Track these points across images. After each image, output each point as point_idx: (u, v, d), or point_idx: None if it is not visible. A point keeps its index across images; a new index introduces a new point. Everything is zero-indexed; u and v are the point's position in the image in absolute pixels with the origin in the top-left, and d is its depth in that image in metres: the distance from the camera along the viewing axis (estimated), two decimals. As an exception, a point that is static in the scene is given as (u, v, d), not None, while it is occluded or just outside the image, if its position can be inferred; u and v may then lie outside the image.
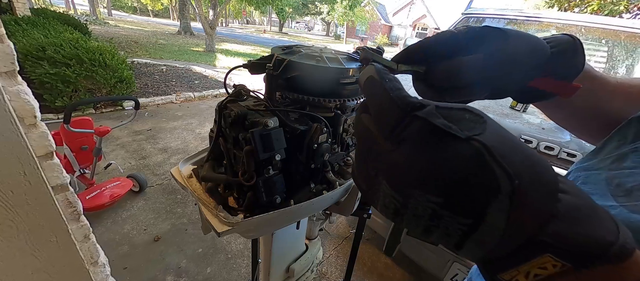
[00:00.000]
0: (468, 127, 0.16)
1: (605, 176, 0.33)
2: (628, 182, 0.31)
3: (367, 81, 0.21)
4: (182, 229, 1.91)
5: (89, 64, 3.33)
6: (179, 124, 3.54)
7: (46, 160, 0.69)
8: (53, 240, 0.73)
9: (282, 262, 0.78)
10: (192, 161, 0.59)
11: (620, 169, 0.32)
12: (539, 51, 0.32)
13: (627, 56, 1.61)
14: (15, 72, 0.60)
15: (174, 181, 0.53)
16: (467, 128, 0.16)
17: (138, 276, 1.56)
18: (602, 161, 0.36)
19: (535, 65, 0.33)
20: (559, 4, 7.02)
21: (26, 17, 4.97)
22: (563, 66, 0.34)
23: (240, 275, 1.65)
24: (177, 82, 5.07)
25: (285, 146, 0.43)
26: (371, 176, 0.20)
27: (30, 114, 0.63)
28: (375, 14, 30.48)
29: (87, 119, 1.77)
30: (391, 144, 0.18)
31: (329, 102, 0.47)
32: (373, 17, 30.05)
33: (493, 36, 0.31)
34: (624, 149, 0.34)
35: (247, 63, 0.49)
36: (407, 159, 0.17)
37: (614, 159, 0.34)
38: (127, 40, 9.03)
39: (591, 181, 0.35)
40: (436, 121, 0.16)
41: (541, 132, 1.23)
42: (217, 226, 0.42)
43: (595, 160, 0.37)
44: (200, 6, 8.70)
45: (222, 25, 29.03)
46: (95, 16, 15.56)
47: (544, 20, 1.91)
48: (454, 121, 0.17)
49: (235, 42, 13.21)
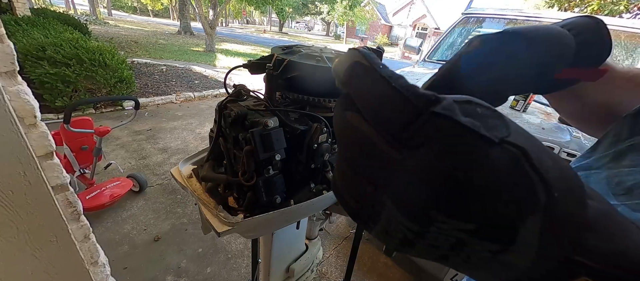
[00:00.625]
0: (491, 126, 0.13)
1: (605, 174, 0.33)
2: (628, 180, 0.30)
3: (352, 69, 0.15)
4: (182, 229, 1.91)
5: (89, 64, 3.33)
6: (179, 124, 3.54)
7: (46, 160, 0.69)
8: (53, 240, 0.73)
9: (282, 262, 0.78)
10: (192, 161, 0.59)
11: (619, 167, 0.32)
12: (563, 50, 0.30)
13: (627, 56, 1.61)
14: (15, 72, 0.60)
15: (174, 181, 0.53)
16: (491, 127, 0.13)
17: (138, 276, 1.56)
18: (599, 159, 0.35)
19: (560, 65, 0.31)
20: (559, 4, 7.02)
21: (26, 17, 4.97)
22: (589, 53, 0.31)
23: (240, 275, 1.65)
24: (177, 82, 5.07)
25: (285, 146, 0.43)
26: (366, 193, 0.15)
27: (30, 114, 0.63)
28: (375, 14, 30.48)
29: (87, 119, 1.77)
30: (399, 151, 0.13)
31: (328, 102, 0.47)
32: (373, 17, 30.05)
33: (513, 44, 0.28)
34: (620, 147, 0.33)
35: (247, 63, 0.49)
36: (430, 172, 0.12)
37: (612, 158, 0.34)
38: (127, 40, 9.03)
39: (592, 181, 0.35)
40: (463, 119, 0.12)
41: (541, 132, 1.23)
42: (217, 226, 0.42)
43: (593, 158, 0.37)
44: (200, 6, 8.70)
45: (222, 25, 29.03)
46: (95, 16, 15.55)
47: (543, 21, 1.91)
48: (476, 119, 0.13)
49: (235, 42, 13.21)
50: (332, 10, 22.15)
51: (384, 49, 0.41)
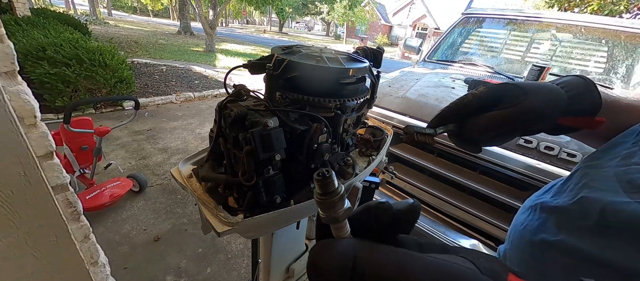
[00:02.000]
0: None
1: (614, 172, 0.34)
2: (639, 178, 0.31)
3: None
4: (182, 229, 1.91)
5: (89, 64, 3.33)
6: (179, 124, 3.54)
7: (46, 160, 0.69)
8: (53, 240, 0.73)
9: (282, 262, 0.78)
10: (192, 161, 0.59)
11: (629, 165, 0.33)
12: (556, 101, 0.36)
13: (627, 55, 1.61)
14: (15, 72, 0.60)
15: (174, 181, 0.53)
16: None
17: (138, 276, 1.56)
18: (609, 160, 0.37)
19: (554, 113, 0.36)
20: (559, 4, 7.02)
21: (26, 17, 4.98)
22: (581, 107, 0.37)
23: (240, 275, 1.65)
24: (177, 82, 5.08)
25: (285, 146, 0.43)
26: None
27: (30, 114, 0.63)
28: (375, 14, 30.47)
29: (87, 119, 1.77)
30: None
31: (329, 102, 0.47)
32: (373, 17, 30.05)
33: (511, 94, 0.36)
34: (631, 149, 0.35)
35: (247, 63, 0.49)
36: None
37: (622, 157, 0.35)
38: (127, 40, 9.03)
39: (600, 178, 0.36)
40: None
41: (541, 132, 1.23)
42: (217, 226, 0.42)
43: (602, 159, 0.38)
44: (200, 6, 8.70)
45: (222, 25, 29.03)
46: (95, 16, 15.56)
47: (543, 21, 1.91)
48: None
49: (235, 42, 13.21)
50: (332, 11, 22.15)
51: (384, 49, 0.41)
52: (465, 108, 0.38)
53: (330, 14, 23.05)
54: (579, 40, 1.80)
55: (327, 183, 0.17)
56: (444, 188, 1.25)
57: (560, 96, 0.36)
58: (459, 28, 2.28)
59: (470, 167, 1.17)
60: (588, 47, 1.77)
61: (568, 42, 1.83)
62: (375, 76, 0.53)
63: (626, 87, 1.53)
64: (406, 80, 1.61)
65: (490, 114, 0.36)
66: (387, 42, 29.03)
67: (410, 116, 1.25)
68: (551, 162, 1.00)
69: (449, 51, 2.25)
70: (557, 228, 0.37)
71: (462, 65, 2.00)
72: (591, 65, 1.71)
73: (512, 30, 2.06)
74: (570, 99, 0.36)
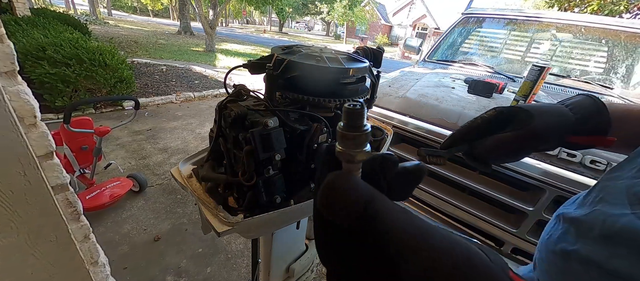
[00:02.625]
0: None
1: (625, 184, 0.35)
2: None
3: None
4: (182, 229, 1.91)
5: (89, 64, 3.32)
6: (179, 124, 3.54)
7: (46, 160, 0.68)
8: (53, 240, 0.73)
9: (282, 262, 0.78)
10: (192, 161, 0.59)
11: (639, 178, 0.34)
12: (562, 125, 0.38)
13: (627, 55, 1.61)
14: (15, 72, 0.60)
15: (174, 181, 0.53)
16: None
17: (138, 276, 1.56)
18: (627, 171, 0.37)
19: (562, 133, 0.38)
20: (559, 4, 7.02)
21: (26, 17, 4.97)
22: (590, 127, 0.39)
23: (240, 275, 1.65)
24: (177, 82, 5.07)
25: (285, 146, 0.43)
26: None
27: (30, 114, 0.63)
28: (375, 14, 30.46)
29: (87, 119, 1.77)
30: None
31: (329, 102, 0.47)
32: (373, 17, 30.03)
33: (519, 117, 0.38)
34: None
35: (247, 63, 0.49)
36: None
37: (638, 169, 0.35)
38: (127, 40, 9.03)
39: (614, 191, 0.36)
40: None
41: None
42: (217, 226, 0.42)
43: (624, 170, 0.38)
44: (200, 6, 8.70)
45: (222, 25, 29.02)
46: (95, 16, 15.54)
47: (543, 21, 1.91)
48: None
49: (235, 42, 13.20)
50: (332, 11, 22.14)
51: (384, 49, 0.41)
52: (475, 130, 0.40)
53: (330, 14, 23.04)
54: (579, 40, 1.80)
55: (358, 114, 0.15)
56: (444, 188, 1.25)
57: (567, 119, 0.39)
58: (459, 28, 2.28)
59: (470, 167, 1.18)
60: (588, 47, 1.77)
61: (568, 42, 1.83)
62: (375, 75, 0.53)
63: (626, 87, 1.53)
64: (406, 80, 1.61)
65: (498, 136, 0.39)
66: (387, 42, 29.02)
67: (410, 116, 1.25)
68: (550, 162, 1.00)
69: (449, 51, 2.25)
70: (574, 238, 0.38)
71: (462, 65, 2.00)
72: (591, 65, 1.71)
73: (512, 30, 2.06)
74: (578, 120, 0.38)
